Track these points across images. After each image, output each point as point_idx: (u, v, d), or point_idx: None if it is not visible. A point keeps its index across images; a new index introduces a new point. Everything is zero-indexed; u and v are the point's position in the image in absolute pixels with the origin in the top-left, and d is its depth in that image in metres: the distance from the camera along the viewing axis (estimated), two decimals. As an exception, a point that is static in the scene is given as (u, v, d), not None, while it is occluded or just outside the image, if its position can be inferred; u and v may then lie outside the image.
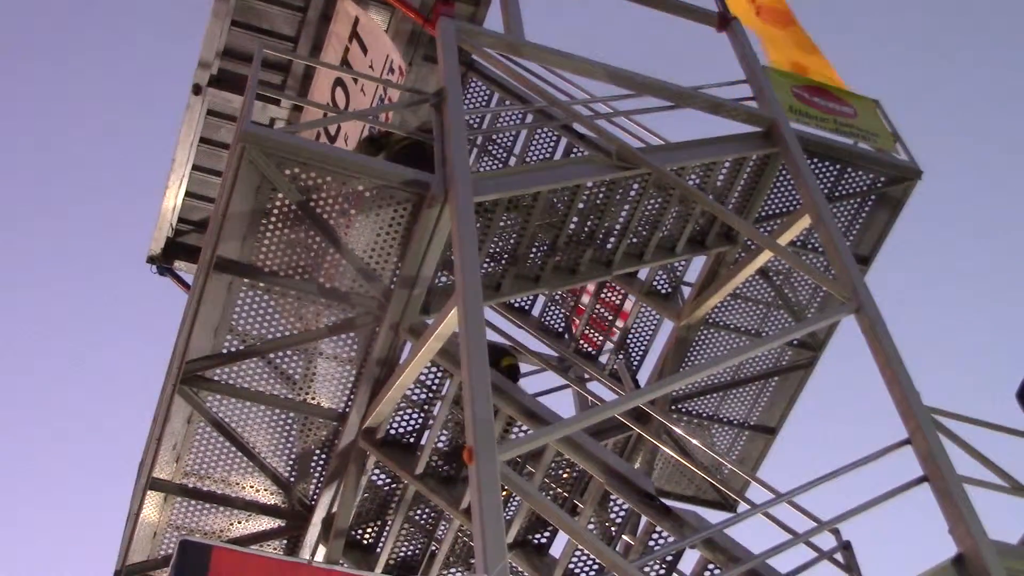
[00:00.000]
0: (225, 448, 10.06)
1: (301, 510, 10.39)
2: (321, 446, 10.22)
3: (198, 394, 9.77)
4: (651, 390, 10.17)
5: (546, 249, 10.49)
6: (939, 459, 8.12)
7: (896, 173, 11.62)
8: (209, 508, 10.32)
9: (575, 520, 8.90)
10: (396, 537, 10.38)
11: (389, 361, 9.79)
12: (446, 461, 9.90)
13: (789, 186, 11.61)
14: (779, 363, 12.75)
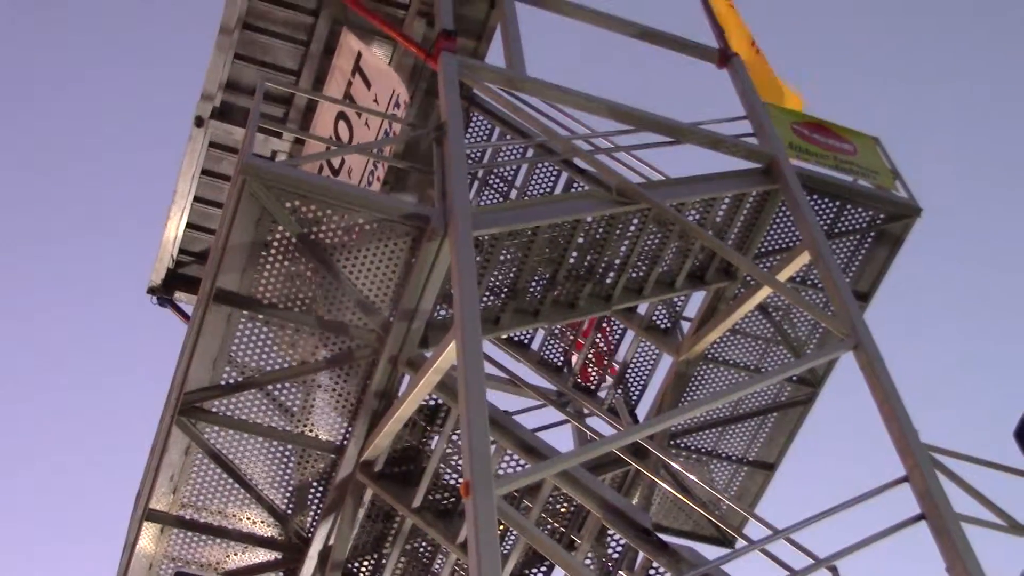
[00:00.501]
0: (222, 480, 10.06)
1: (298, 542, 10.37)
2: (318, 478, 10.22)
3: (196, 425, 9.77)
4: (649, 425, 10.18)
5: (545, 283, 10.51)
6: (936, 497, 8.10)
7: (895, 210, 11.66)
8: (206, 540, 10.30)
9: (572, 555, 8.87)
10: (392, 571, 10.36)
11: (387, 393, 9.79)
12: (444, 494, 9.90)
13: (789, 222, 11.64)
14: (778, 399, 12.75)
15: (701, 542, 12.88)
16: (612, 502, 9.12)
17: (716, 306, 12.04)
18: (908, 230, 11.79)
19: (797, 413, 12.71)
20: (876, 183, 11.77)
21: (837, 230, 11.71)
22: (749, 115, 11.76)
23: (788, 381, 12.55)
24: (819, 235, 10.29)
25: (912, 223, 11.73)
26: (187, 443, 9.81)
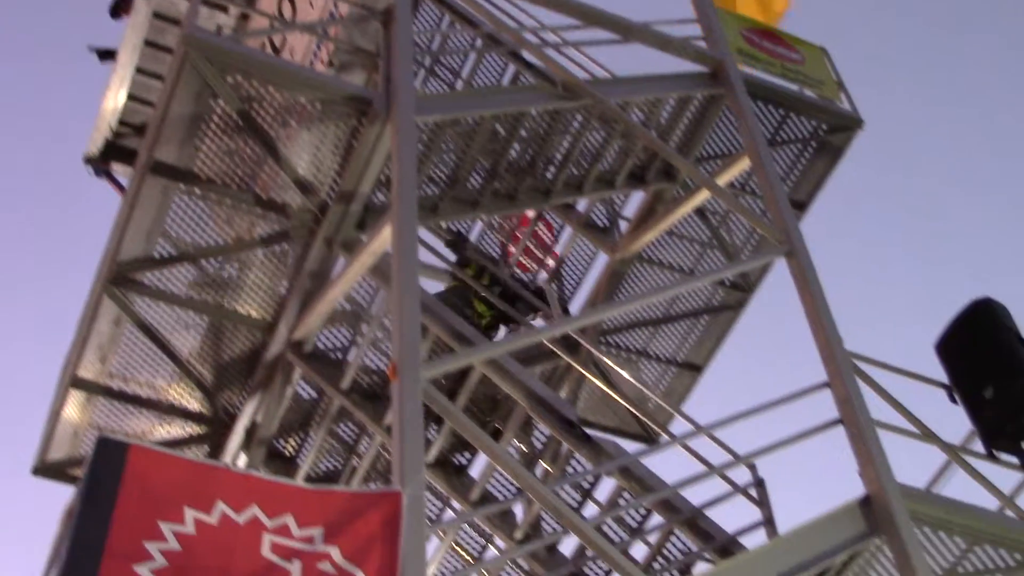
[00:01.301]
0: (151, 352, 10.04)
1: (224, 418, 10.41)
2: (248, 356, 10.23)
3: (127, 296, 9.73)
4: (581, 318, 10.29)
5: (486, 175, 10.50)
6: (855, 403, 8.27)
7: (838, 121, 11.72)
8: (132, 410, 10.32)
9: (496, 443, 8.98)
10: (318, 450, 10.45)
11: (321, 275, 9.79)
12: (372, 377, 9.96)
13: (732, 128, 11.67)
14: (710, 302, 12.88)
15: (625, 438, 13.05)
16: (539, 393, 9.23)
17: (654, 207, 12.09)
18: (849, 142, 11.87)
19: (728, 317, 12.84)
20: (821, 93, 11.81)
21: (779, 138, 11.76)
22: (699, 18, 11.72)
23: (721, 286, 12.67)
24: (761, 142, 10.34)
25: (853, 135, 11.81)
26: (117, 314, 9.77)
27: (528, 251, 13.26)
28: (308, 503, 6.27)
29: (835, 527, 7.78)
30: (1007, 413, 8.89)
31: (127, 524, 5.72)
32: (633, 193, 12.17)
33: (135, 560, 5.59)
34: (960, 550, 8.51)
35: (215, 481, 6.16)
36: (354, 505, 6.31)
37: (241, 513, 6.05)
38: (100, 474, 5.86)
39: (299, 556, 5.96)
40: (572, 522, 7.05)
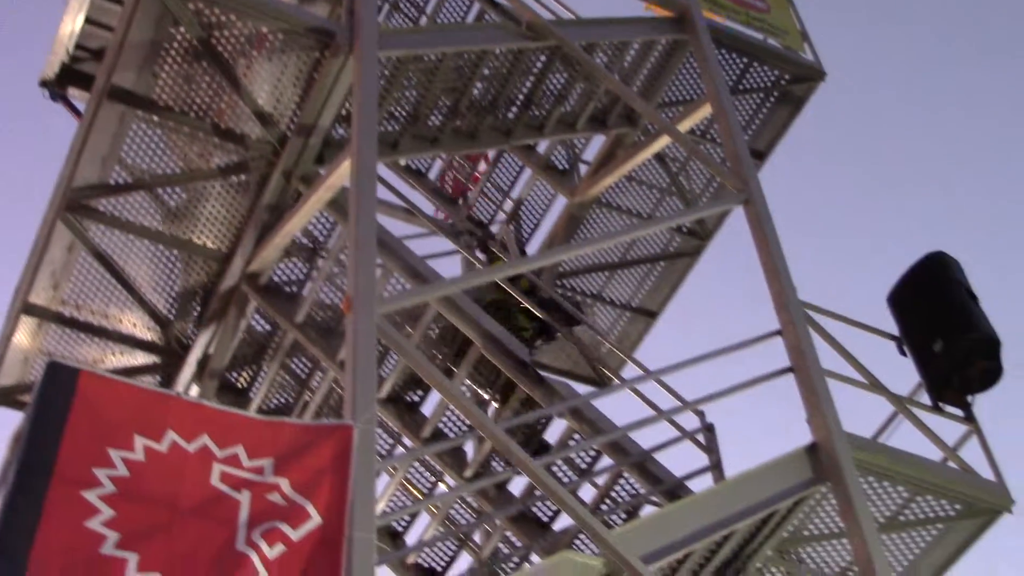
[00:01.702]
0: (105, 280, 9.97)
1: (177, 348, 10.37)
2: (203, 287, 10.18)
3: (81, 223, 9.64)
4: (537, 259, 10.30)
5: (447, 112, 10.45)
6: (806, 352, 8.36)
7: (801, 72, 11.75)
8: (84, 338, 10.25)
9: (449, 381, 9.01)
10: (271, 383, 10.43)
11: (278, 208, 9.73)
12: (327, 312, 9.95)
13: (695, 75, 11.67)
14: (667, 249, 12.92)
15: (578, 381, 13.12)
16: (493, 333, 9.26)
17: (615, 152, 12.09)
18: (811, 93, 11.90)
19: (684, 264, 12.90)
20: (785, 43, 11.81)
21: (742, 87, 11.77)
22: (667, -38, 11.66)
23: (678, 232, 12.71)
24: (723, 89, 10.35)
25: (815, 86, 11.84)
26: (71, 240, 9.68)
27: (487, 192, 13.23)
28: (259, 434, 6.26)
29: (782, 473, 7.89)
30: (954, 366, 9.01)
31: (76, 449, 5.70)
32: (594, 137, 12.16)
33: (84, 486, 5.58)
34: (903, 499, 8.67)
35: (166, 409, 6.14)
36: (305, 438, 6.31)
37: (191, 442, 6.04)
38: (49, 398, 5.82)
39: (248, 486, 5.97)
40: (521, 461, 7.09)
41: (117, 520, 5.51)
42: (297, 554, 5.76)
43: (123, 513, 5.55)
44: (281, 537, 5.77)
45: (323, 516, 5.94)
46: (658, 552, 7.10)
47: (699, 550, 7.59)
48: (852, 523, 7.67)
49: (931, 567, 9.10)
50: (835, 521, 8.71)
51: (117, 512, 5.54)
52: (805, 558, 9.04)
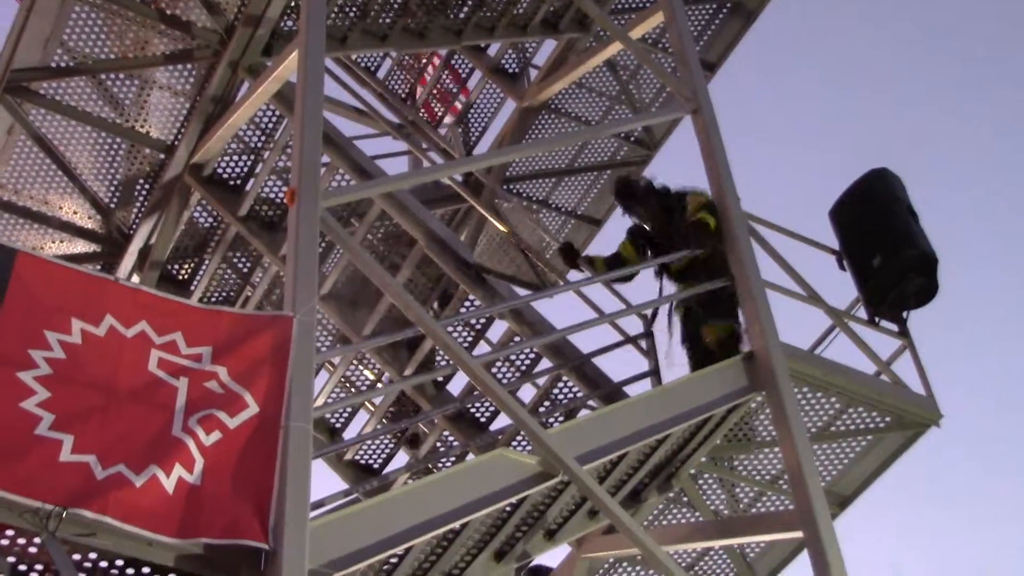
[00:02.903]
0: (45, 165, 9.80)
1: (118, 238, 10.25)
2: (145, 176, 10.05)
3: (21, 106, 9.46)
4: (483, 158, 10.28)
5: (397, 10, 10.32)
6: (746, 262, 8.41)
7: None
8: (23, 224, 10.08)
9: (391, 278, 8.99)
10: (212, 276, 10.37)
11: (224, 99, 9.62)
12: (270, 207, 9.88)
13: (648, -20, 11.60)
14: (614, 158, 12.93)
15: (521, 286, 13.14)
16: (437, 233, 9.25)
17: (565, 57, 12.03)
18: (764, 6, 11.87)
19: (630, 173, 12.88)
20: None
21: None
22: None
23: (626, 141, 12.71)
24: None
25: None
26: (11, 123, 9.49)
27: (436, 93, 13.13)
28: (198, 322, 6.25)
29: (718, 381, 7.98)
30: (892, 282, 9.11)
31: (11, 331, 5.67)
32: (545, 41, 12.08)
33: (18, 367, 5.55)
34: (835, 410, 8.80)
35: (105, 294, 6.10)
36: (245, 327, 6.30)
37: (130, 328, 6.02)
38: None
39: (186, 373, 5.96)
40: (461, 359, 7.11)
41: (52, 402, 5.50)
42: (233, 441, 5.78)
43: (59, 395, 5.54)
44: (218, 424, 5.79)
45: (260, 405, 5.96)
46: (592, 453, 7.18)
47: (633, 453, 7.67)
48: (785, 431, 7.78)
49: (860, 476, 9.27)
50: (768, 430, 8.84)
51: (52, 394, 5.52)
52: (738, 465, 9.18)
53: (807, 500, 7.46)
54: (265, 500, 5.59)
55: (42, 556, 5.32)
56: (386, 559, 6.39)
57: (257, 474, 5.69)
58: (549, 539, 7.71)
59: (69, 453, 5.37)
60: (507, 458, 6.85)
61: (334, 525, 5.98)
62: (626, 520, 7.17)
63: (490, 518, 7.02)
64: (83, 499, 5.20)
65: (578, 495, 7.46)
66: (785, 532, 8.08)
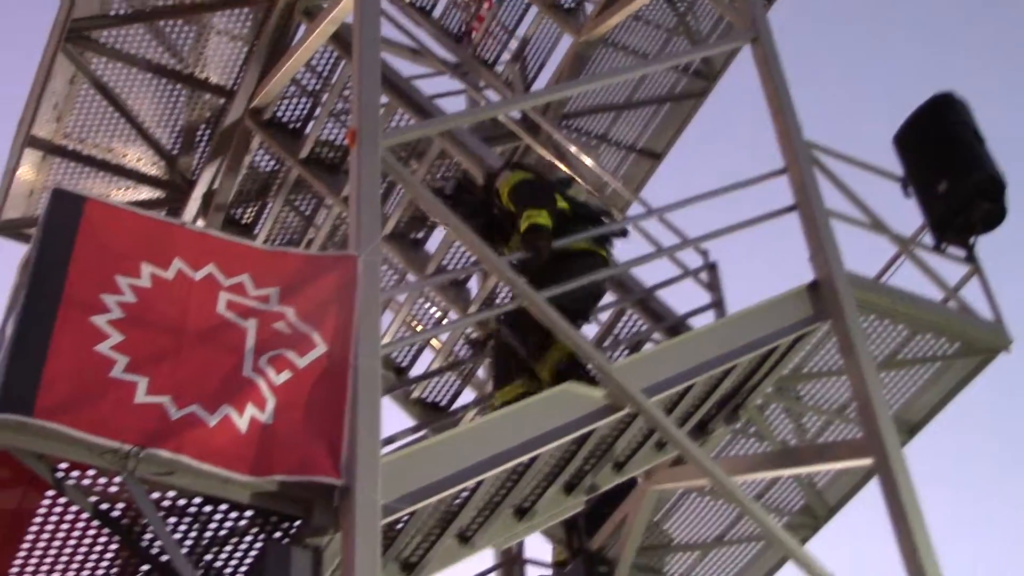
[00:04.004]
0: (108, 113, 9.92)
1: (182, 184, 10.37)
2: (206, 122, 10.15)
3: (83, 55, 9.56)
4: (540, 94, 10.24)
5: (453, -55, 10.29)
6: (809, 190, 8.35)
7: (812, -92, 11.51)
8: (88, 172, 10.23)
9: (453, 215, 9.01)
10: (275, 219, 10.47)
11: (281, 43, 9.66)
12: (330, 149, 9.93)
13: (705, -92, 11.45)
14: (673, 90, 12.81)
15: (582, 223, 13.13)
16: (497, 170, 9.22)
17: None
18: (822, -70, 11.66)
19: (690, 106, 12.79)
20: None
21: (752, -77, 11.52)
22: None
23: (684, 73, 12.59)
24: (733, -76, 10.15)
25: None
26: (73, 72, 9.60)
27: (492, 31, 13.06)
28: (265, 264, 6.31)
29: (783, 311, 7.95)
30: (958, 207, 9.01)
31: (83, 275, 5.75)
32: (601, -27, 11.97)
33: (92, 311, 5.64)
34: (902, 337, 8.75)
35: (172, 238, 6.18)
36: (310, 268, 6.36)
37: (198, 271, 6.09)
38: (56, 225, 5.86)
39: (255, 314, 6.03)
40: (526, 294, 7.14)
41: (125, 344, 5.58)
42: (303, 380, 5.85)
43: (131, 338, 5.62)
44: (287, 364, 5.85)
45: (328, 344, 6.02)
46: (659, 385, 7.19)
47: (700, 384, 7.68)
48: (851, 360, 7.76)
49: (928, 404, 9.23)
50: (835, 359, 8.80)
51: (125, 337, 5.61)
52: (805, 395, 9.17)
53: (876, 428, 7.45)
54: (336, 437, 5.66)
55: (122, 495, 5.44)
56: (458, 493, 6.45)
57: (328, 412, 5.75)
58: (617, 471, 7.75)
59: (144, 395, 5.46)
60: (574, 392, 6.89)
61: (405, 460, 6.05)
62: (695, 451, 7.20)
63: (559, 451, 7.06)
64: (159, 439, 5.29)
65: (645, 427, 7.49)
66: (854, 460, 8.06)
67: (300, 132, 10.02)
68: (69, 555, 5.77)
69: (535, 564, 10.47)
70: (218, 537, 5.76)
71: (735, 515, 9.72)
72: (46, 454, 5.20)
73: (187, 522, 5.67)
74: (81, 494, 5.41)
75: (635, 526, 9.08)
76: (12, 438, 5.08)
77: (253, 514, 5.63)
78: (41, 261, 5.71)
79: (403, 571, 6.93)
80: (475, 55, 13.00)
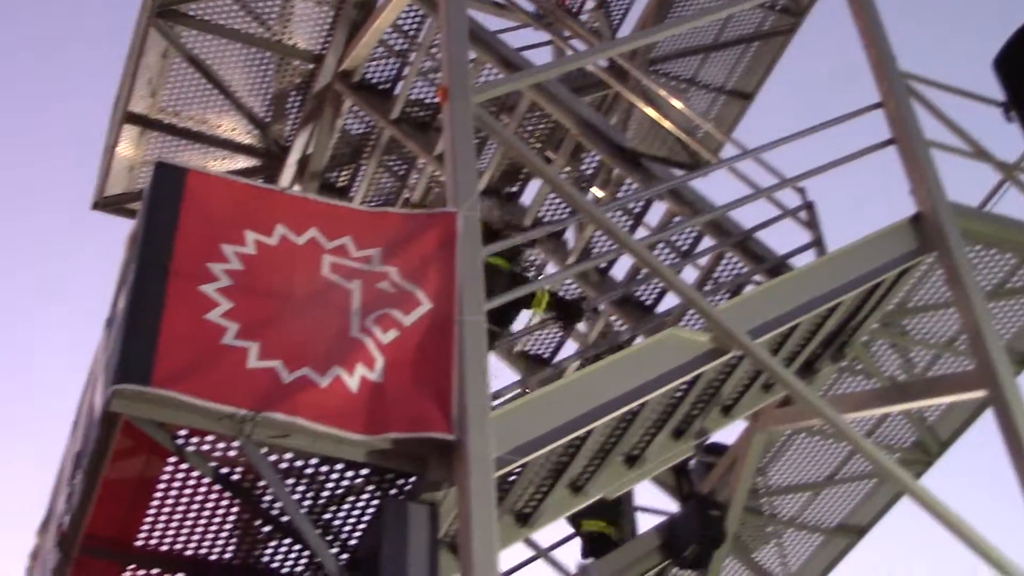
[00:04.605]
0: (201, 85, 10.04)
1: (276, 151, 10.49)
2: (297, 88, 10.23)
3: (173, 29, 9.68)
4: (627, 40, 10.16)
5: None
6: (907, 122, 8.20)
7: None
8: (185, 145, 10.38)
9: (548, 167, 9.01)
10: (370, 181, 10.54)
11: (367, 4, 9.68)
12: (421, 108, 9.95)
13: None
14: (760, 28, 12.62)
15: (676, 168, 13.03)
16: (589, 119, 9.23)
17: (704, -72, 11.75)
18: None
19: (779, 43, 12.59)
20: None
21: None
22: None
23: (772, 11, 12.39)
24: None
25: None
26: (165, 46, 9.73)
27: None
28: (365, 225, 6.36)
29: (885, 245, 7.83)
30: (1063, 129, 8.80)
31: (190, 246, 5.84)
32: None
33: (200, 280, 5.73)
34: (1010, 266, 8.59)
35: (274, 204, 6.25)
36: (410, 226, 6.39)
37: (301, 235, 6.15)
38: (160, 197, 5.96)
39: (359, 275, 6.08)
40: (625, 241, 7.12)
41: (235, 312, 5.67)
42: (410, 338, 5.89)
43: (240, 305, 5.71)
44: (394, 323, 5.89)
45: (432, 301, 6.05)
46: (763, 326, 7.14)
47: (804, 324, 7.61)
48: (959, 291, 7.63)
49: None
50: (941, 291, 8.67)
51: (235, 304, 5.69)
52: (912, 329, 9.05)
53: (987, 359, 7.32)
54: (446, 393, 5.70)
55: (241, 459, 5.55)
56: (568, 443, 6.48)
57: (436, 368, 5.80)
58: (725, 414, 7.74)
59: (256, 360, 5.54)
60: (679, 337, 6.87)
61: (515, 413, 6.09)
62: (803, 390, 7.15)
63: (666, 397, 7.06)
64: (274, 403, 5.37)
65: (751, 369, 7.46)
66: (966, 392, 7.93)
67: (390, 93, 10.06)
68: (193, 519, 5.90)
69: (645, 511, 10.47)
70: (335, 496, 5.85)
71: (845, 454, 9.66)
72: (166, 422, 5.31)
73: (304, 482, 5.77)
74: (202, 459, 5.53)
75: (745, 469, 9.06)
76: (132, 407, 5.20)
77: (368, 472, 5.72)
78: (148, 234, 5.81)
79: (517, 522, 6.98)
80: (559, 5, 12.91)
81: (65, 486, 6.15)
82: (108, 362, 5.53)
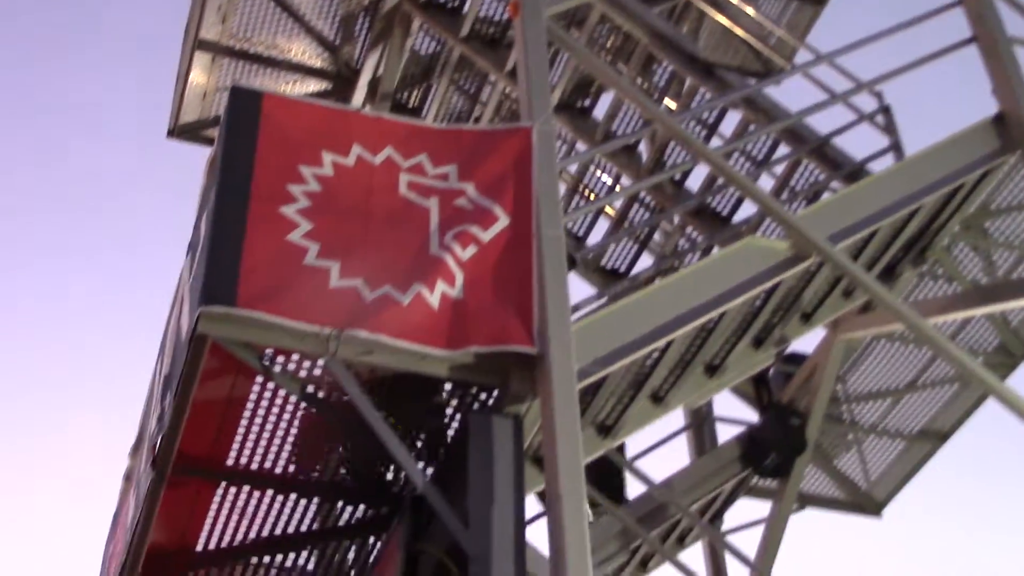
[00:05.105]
0: (270, 9, 10.04)
1: (347, 73, 10.48)
2: (365, 10, 10.19)
3: (236, -46, 9.70)
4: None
5: None
6: (989, 18, 8.03)
7: None
8: (256, 70, 10.40)
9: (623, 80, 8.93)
10: (441, 100, 10.52)
11: (433, -79, 9.62)
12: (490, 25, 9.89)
13: None
14: (832, -71, 12.37)
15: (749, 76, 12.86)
16: (660, 29, 9.11)
17: None
18: None
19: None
20: None
21: None
22: None
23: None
24: None
25: None
26: (234, -28, 9.76)
27: None
28: (440, 142, 6.37)
29: (967, 146, 7.73)
30: None
31: (268, 168, 5.89)
32: None
33: (280, 202, 5.78)
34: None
35: (349, 125, 6.27)
36: (486, 142, 6.39)
37: (377, 155, 6.17)
38: (237, 121, 6.00)
39: (436, 193, 6.10)
40: (700, 150, 7.08)
41: (315, 232, 5.72)
42: (489, 253, 5.92)
43: (320, 225, 5.76)
44: (472, 239, 5.92)
45: (510, 216, 6.06)
46: (843, 232, 7.09)
47: (884, 228, 7.53)
48: (1044, 191, 7.52)
49: None
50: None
51: (315, 225, 5.74)
52: (994, 231, 8.91)
53: (1073, 258, 7.23)
54: (527, 306, 5.73)
55: (326, 376, 5.62)
56: (649, 354, 6.50)
57: (516, 283, 5.82)
58: (805, 322, 7.71)
59: (338, 279, 5.60)
60: (758, 245, 6.84)
61: (595, 325, 6.11)
62: (884, 294, 7.10)
63: (746, 306, 7.04)
64: (356, 321, 5.43)
65: (831, 276, 7.41)
66: (1050, 293, 7.85)
67: (459, 11, 9.99)
68: (282, 436, 6.01)
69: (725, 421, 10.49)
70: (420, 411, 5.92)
71: (926, 359, 9.59)
72: (252, 342, 5.39)
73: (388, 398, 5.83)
74: (288, 378, 5.61)
75: (825, 377, 9.02)
76: (219, 328, 5.28)
77: (452, 387, 5.77)
78: (227, 158, 5.86)
79: (599, 434, 7.04)
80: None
81: (155, 408, 6.29)
82: (193, 285, 5.63)
